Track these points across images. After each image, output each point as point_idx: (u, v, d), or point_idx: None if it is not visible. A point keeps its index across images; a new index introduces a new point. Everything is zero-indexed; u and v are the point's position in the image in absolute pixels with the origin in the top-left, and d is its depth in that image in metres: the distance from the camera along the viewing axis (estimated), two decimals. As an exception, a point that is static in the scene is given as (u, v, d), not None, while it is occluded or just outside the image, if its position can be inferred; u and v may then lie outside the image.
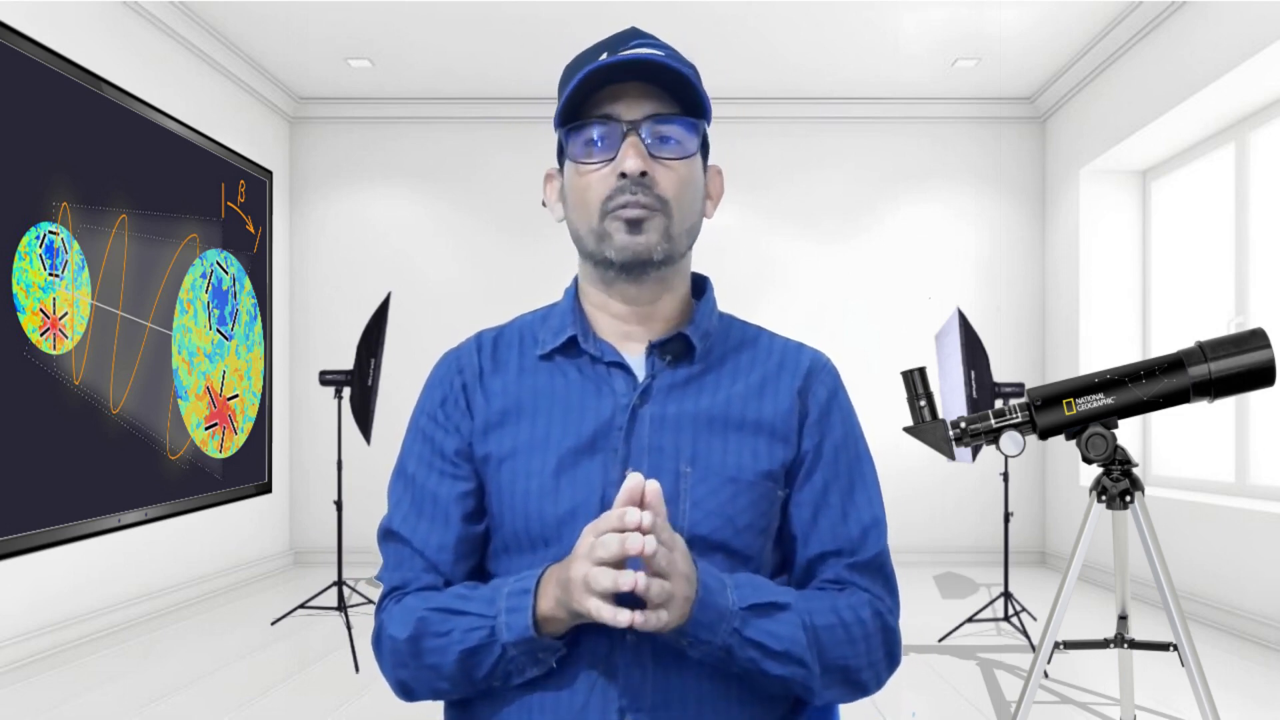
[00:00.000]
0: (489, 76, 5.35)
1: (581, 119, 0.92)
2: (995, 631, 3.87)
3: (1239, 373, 1.66)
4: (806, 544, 0.97)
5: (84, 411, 3.76)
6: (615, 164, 0.91)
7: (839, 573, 0.96)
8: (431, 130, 5.77)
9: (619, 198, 0.91)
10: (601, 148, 0.92)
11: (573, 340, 0.98)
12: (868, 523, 0.98)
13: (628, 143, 0.91)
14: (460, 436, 0.98)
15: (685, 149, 0.94)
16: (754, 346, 1.02)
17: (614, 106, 0.92)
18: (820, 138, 5.75)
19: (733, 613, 0.85)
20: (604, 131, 0.92)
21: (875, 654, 0.93)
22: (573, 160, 0.94)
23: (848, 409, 1.02)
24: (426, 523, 0.96)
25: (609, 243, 0.92)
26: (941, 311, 5.48)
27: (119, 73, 4.03)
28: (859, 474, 0.99)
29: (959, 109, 5.70)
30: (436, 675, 0.91)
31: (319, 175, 5.77)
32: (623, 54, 0.91)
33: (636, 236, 0.91)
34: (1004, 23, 4.61)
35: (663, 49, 0.94)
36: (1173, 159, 4.88)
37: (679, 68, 0.90)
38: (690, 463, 0.92)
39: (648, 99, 0.92)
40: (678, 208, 0.93)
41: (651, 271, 0.94)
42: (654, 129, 0.92)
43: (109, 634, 3.86)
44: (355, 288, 5.66)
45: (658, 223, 0.92)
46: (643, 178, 0.91)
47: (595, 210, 0.93)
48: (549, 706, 0.90)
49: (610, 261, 0.93)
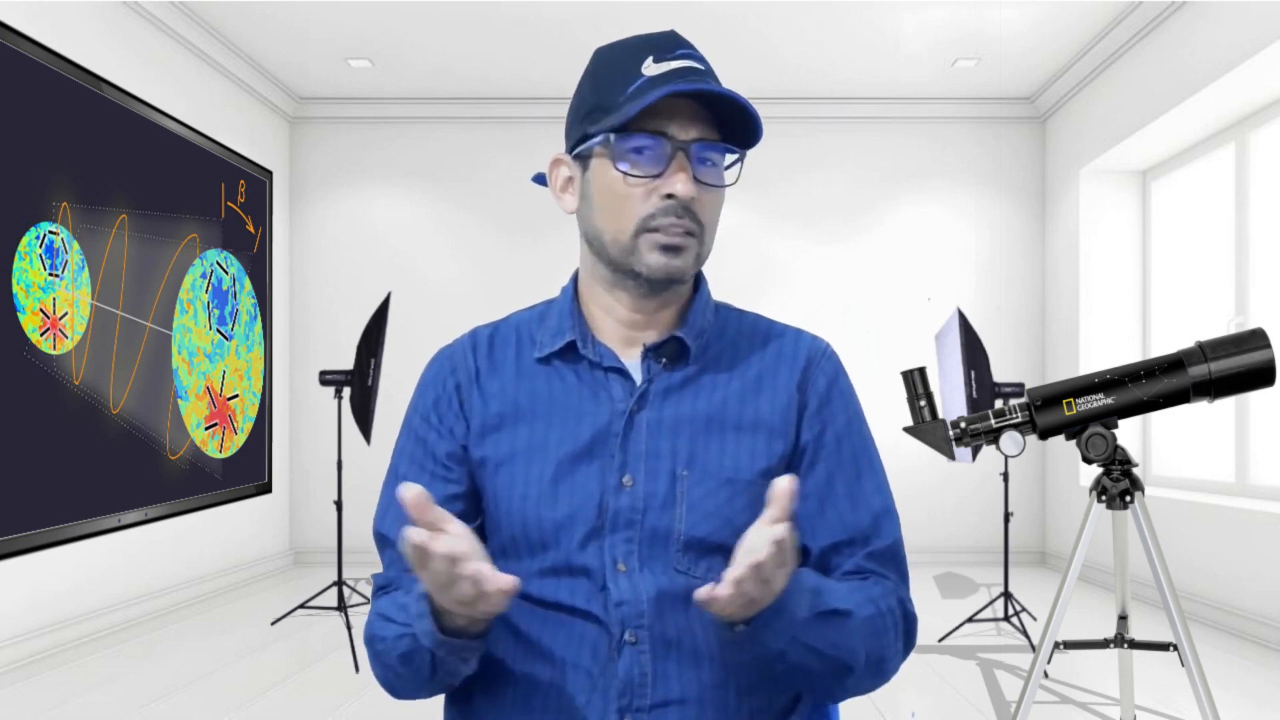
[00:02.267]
0: (489, 76, 5.35)
1: (629, 129, 0.90)
2: (995, 631, 3.87)
3: (1239, 373, 1.66)
4: (816, 536, 0.95)
5: (84, 411, 3.76)
6: (663, 183, 0.90)
7: (859, 563, 0.95)
8: (431, 130, 5.77)
9: (662, 219, 0.90)
10: (647, 162, 0.91)
11: (571, 344, 0.97)
12: (879, 510, 0.96)
13: (678, 164, 0.90)
14: (453, 439, 0.97)
15: (725, 177, 0.94)
16: (750, 339, 1.01)
17: (667, 124, 0.90)
18: (820, 138, 5.75)
19: (798, 621, 0.82)
20: (651, 145, 0.90)
21: (900, 643, 0.93)
22: (617, 169, 0.91)
23: (849, 395, 1.00)
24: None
25: (639, 259, 0.92)
26: (941, 311, 5.48)
27: (119, 73, 4.03)
28: (865, 461, 0.98)
29: (959, 109, 5.70)
30: (396, 676, 0.91)
31: (319, 175, 5.77)
32: (698, 84, 0.88)
33: (673, 260, 0.91)
34: (1004, 23, 4.61)
35: (703, 62, 0.93)
36: (1173, 159, 4.88)
37: (749, 107, 0.89)
38: (687, 465, 0.92)
39: (698, 121, 0.91)
40: (709, 232, 0.94)
41: (674, 288, 0.95)
42: (701, 153, 0.91)
43: (109, 634, 3.86)
44: (355, 288, 5.65)
45: (693, 246, 0.92)
46: (690, 202, 0.90)
47: (631, 224, 0.91)
48: (550, 706, 0.90)
49: (636, 274, 0.93)
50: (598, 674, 0.89)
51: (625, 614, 0.89)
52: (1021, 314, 5.72)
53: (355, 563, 4.98)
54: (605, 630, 0.89)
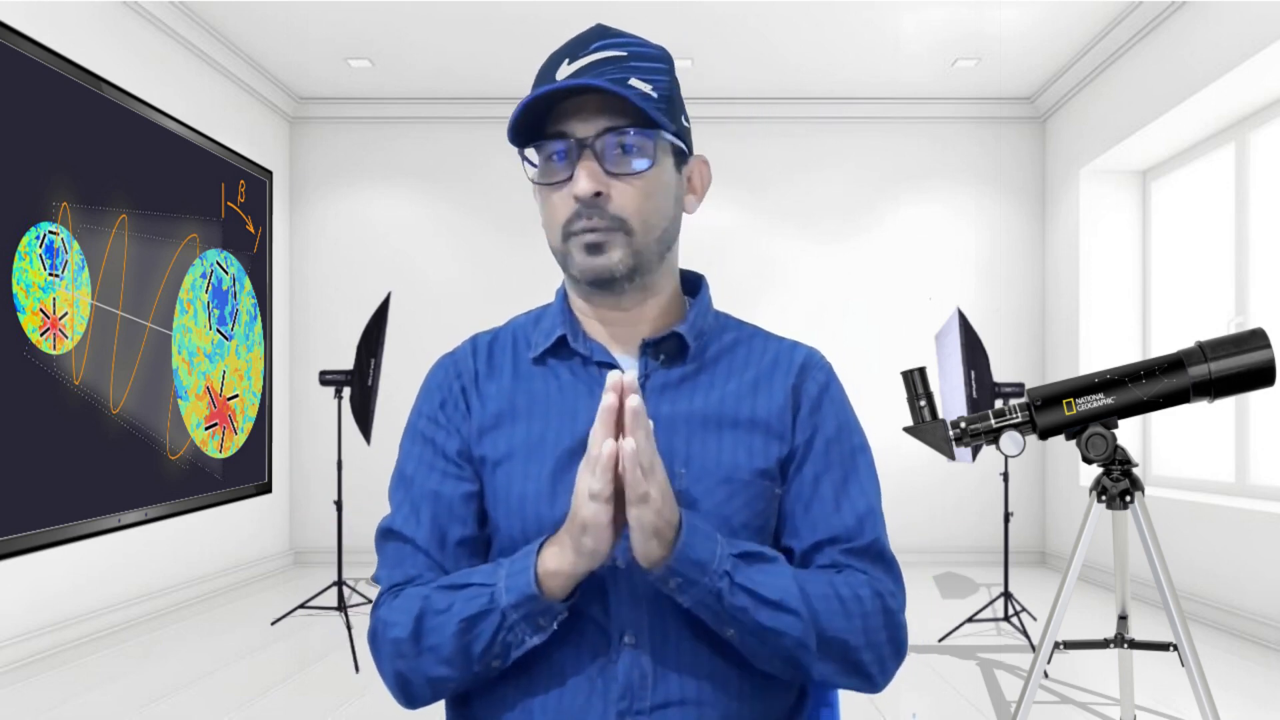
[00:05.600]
0: (489, 76, 5.35)
1: (539, 136, 0.91)
2: (995, 631, 3.87)
3: (1239, 373, 1.66)
4: (799, 535, 0.95)
5: (84, 411, 3.76)
6: (572, 184, 0.90)
7: (835, 558, 0.94)
8: (431, 130, 5.77)
9: (576, 221, 0.90)
10: (560, 165, 0.91)
11: (563, 341, 0.97)
12: (863, 511, 0.95)
13: (581, 163, 0.89)
14: (461, 438, 0.97)
15: (646, 161, 0.91)
16: (749, 345, 1.01)
17: (569, 122, 0.89)
18: (820, 138, 5.75)
19: (724, 555, 0.84)
20: (562, 148, 0.90)
21: (875, 635, 0.91)
22: (533, 180, 0.93)
23: (841, 402, 1.01)
24: (428, 522, 0.95)
25: (571, 263, 0.93)
26: (941, 311, 5.48)
27: (119, 73, 4.03)
28: (853, 466, 0.98)
29: (959, 109, 5.70)
30: (435, 658, 0.88)
31: (319, 175, 5.77)
32: (568, 79, 0.88)
33: (597, 259, 0.91)
34: (1004, 23, 4.61)
35: (628, 48, 0.92)
36: (1173, 159, 4.88)
37: (617, 91, 0.86)
38: (685, 464, 0.92)
39: (604, 113, 0.89)
40: (640, 223, 0.91)
41: (625, 285, 0.93)
42: (614, 140, 0.89)
43: (109, 634, 3.86)
44: (355, 288, 5.66)
45: (618, 241, 0.91)
46: (597, 198, 0.89)
47: (558, 231, 0.92)
48: (549, 707, 0.89)
49: (577, 280, 0.94)
50: (596, 676, 0.89)
51: (623, 615, 0.89)
52: (1021, 314, 5.72)
53: (355, 563, 4.98)
54: (603, 631, 0.89)
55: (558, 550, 0.84)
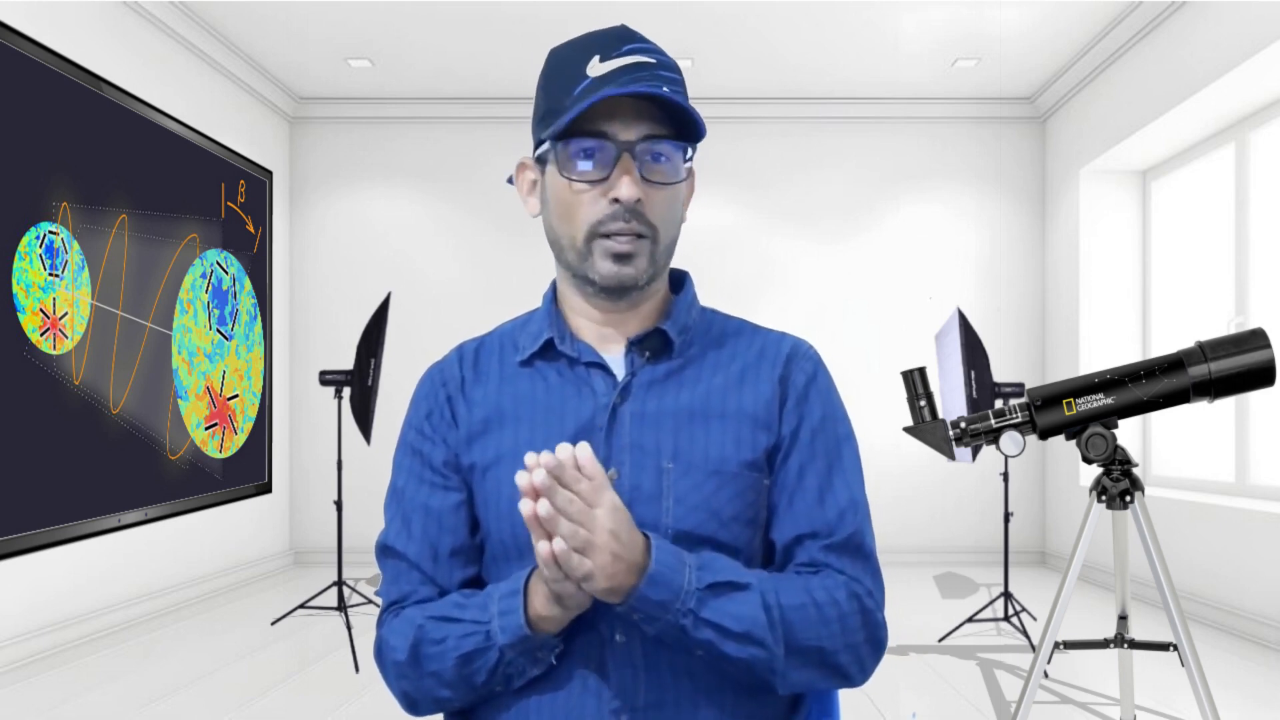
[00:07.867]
0: (489, 76, 5.35)
1: (573, 133, 0.90)
2: (995, 631, 3.87)
3: (1239, 373, 1.66)
4: (782, 528, 0.95)
5: (84, 411, 3.76)
6: (608, 187, 0.89)
7: (814, 555, 0.94)
8: (431, 130, 5.77)
9: (610, 224, 0.90)
10: (593, 166, 0.90)
11: (550, 343, 0.97)
12: (844, 504, 0.95)
13: (622, 167, 0.89)
14: (448, 448, 0.98)
15: (677, 171, 0.92)
16: (735, 338, 1.01)
17: (609, 124, 0.89)
18: (820, 138, 5.75)
19: (689, 592, 0.84)
20: (596, 148, 0.90)
21: (853, 636, 0.90)
22: (563, 174, 0.91)
23: (827, 392, 1.00)
24: (419, 536, 0.96)
25: (591, 266, 0.92)
26: (941, 311, 5.48)
27: (119, 73, 4.03)
28: (837, 457, 0.97)
29: (959, 109, 5.70)
30: (438, 683, 0.91)
31: (319, 175, 5.77)
32: (631, 86, 0.87)
33: (624, 268, 0.91)
34: (1004, 23, 4.61)
35: (655, 55, 0.92)
36: (1173, 159, 4.88)
37: (682, 103, 0.88)
38: (672, 458, 0.92)
39: (643, 119, 0.89)
40: (664, 231, 0.93)
41: (635, 292, 0.94)
42: (650, 148, 0.90)
43: (109, 634, 3.86)
44: (355, 288, 5.66)
45: (644, 250, 0.91)
46: (636, 204, 0.89)
47: (581, 231, 0.91)
48: (544, 709, 0.90)
49: (591, 281, 0.93)
50: (590, 676, 0.89)
51: (615, 614, 0.88)
52: (1021, 314, 5.72)
53: (355, 563, 4.98)
54: (596, 631, 0.89)
55: (544, 600, 0.85)
